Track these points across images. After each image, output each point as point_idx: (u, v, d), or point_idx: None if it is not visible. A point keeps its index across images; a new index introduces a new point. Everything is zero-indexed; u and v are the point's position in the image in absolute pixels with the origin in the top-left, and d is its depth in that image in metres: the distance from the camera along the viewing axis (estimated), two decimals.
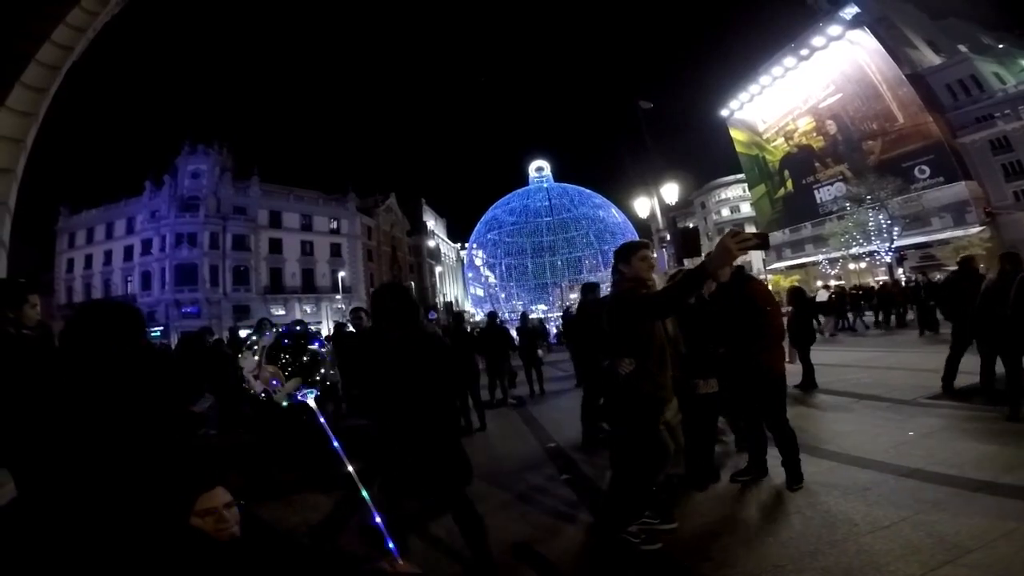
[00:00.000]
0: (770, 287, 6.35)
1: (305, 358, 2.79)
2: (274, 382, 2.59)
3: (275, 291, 43.25)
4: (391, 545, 2.14)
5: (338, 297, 44.50)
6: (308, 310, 43.13)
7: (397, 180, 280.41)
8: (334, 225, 49.34)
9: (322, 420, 2.53)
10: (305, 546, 3.05)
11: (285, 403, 2.66)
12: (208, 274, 40.53)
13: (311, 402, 2.64)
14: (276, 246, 44.96)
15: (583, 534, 3.28)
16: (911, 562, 2.45)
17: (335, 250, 48.43)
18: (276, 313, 38.58)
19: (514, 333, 10.82)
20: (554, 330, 23.49)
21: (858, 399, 6.24)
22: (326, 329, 39.05)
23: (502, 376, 9.04)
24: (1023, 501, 2.95)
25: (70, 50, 4.06)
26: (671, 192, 12.82)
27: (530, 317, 13.48)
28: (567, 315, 12.38)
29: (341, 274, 45.92)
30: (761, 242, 2.33)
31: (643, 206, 14.60)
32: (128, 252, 42.22)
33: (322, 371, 2.81)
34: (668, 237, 13.30)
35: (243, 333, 8.06)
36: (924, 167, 36.50)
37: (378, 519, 2.22)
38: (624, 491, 3.05)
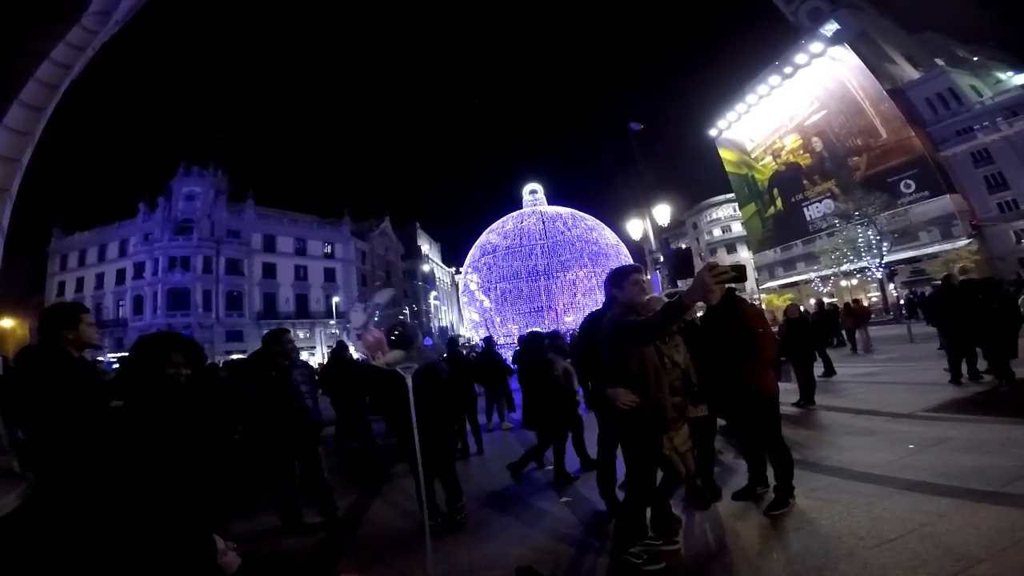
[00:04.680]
0: (764, 306, 6.43)
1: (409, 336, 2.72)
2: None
3: (268, 316, 42.76)
4: None
5: (332, 323, 44.16)
6: (302, 335, 42.64)
7: (391, 203, 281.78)
8: (328, 249, 49.27)
9: (411, 397, 2.47)
10: None
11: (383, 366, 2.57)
12: (201, 299, 40.12)
13: (409, 380, 2.54)
14: (270, 271, 44.72)
15: (584, 557, 3.21)
16: (920, 574, 2.42)
17: (329, 275, 48.24)
18: None
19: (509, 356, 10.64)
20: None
21: (857, 414, 6.23)
22: (320, 355, 38.84)
23: (499, 401, 8.94)
24: None
25: (68, 69, 4.10)
26: (663, 213, 12.91)
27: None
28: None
29: (335, 299, 45.49)
30: (738, 274, 2.35)
31: (635, 228, 14.72)
32: (120, 275, 41.77)
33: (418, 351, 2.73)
34: (661, 258, 13.34)
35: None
36: (909, 181, 37.06)
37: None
38: (628, 511, 3.03)
